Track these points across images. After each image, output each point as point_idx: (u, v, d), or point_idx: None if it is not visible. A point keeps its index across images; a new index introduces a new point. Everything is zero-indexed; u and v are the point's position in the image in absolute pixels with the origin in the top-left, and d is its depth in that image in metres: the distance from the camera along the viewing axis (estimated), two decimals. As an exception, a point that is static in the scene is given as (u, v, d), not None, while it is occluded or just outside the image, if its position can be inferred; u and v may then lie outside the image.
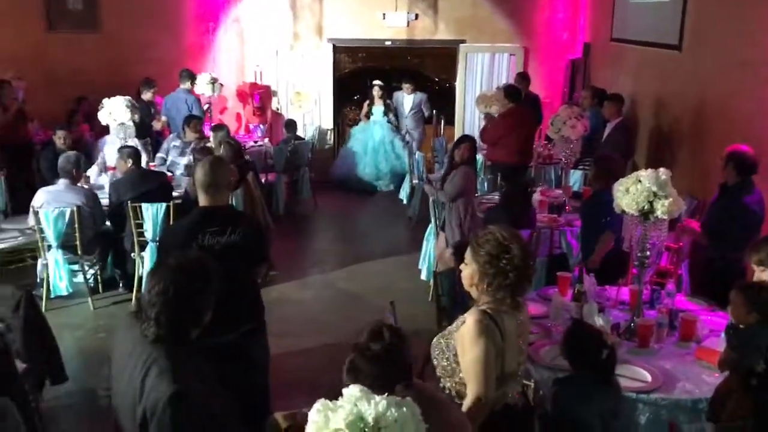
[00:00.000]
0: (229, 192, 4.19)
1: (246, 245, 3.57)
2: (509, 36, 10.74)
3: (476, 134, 8.53)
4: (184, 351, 2.27)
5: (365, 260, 7.54)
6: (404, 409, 1.51)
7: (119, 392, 2.30)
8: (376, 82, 10.74)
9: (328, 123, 11.11)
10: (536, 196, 6.57)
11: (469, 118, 11.05)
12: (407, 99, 10.75)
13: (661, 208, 3.65)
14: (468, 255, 2.80)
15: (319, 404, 1.56)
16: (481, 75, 10.95)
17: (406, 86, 10.78)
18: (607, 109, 7.56)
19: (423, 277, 6.58)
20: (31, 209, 5.90)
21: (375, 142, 10.52)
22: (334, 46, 10.78)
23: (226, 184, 3.75)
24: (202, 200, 3.65)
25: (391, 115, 10.64)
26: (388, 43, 10.95)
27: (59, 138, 7.26)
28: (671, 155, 7.07)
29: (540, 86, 10.26)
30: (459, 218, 5.76)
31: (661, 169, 3.77)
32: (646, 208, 3.69)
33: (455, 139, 6.76)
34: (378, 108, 10.65)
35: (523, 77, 9.46)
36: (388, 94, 10.90)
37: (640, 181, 3.72)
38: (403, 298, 4.93)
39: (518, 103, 7.93)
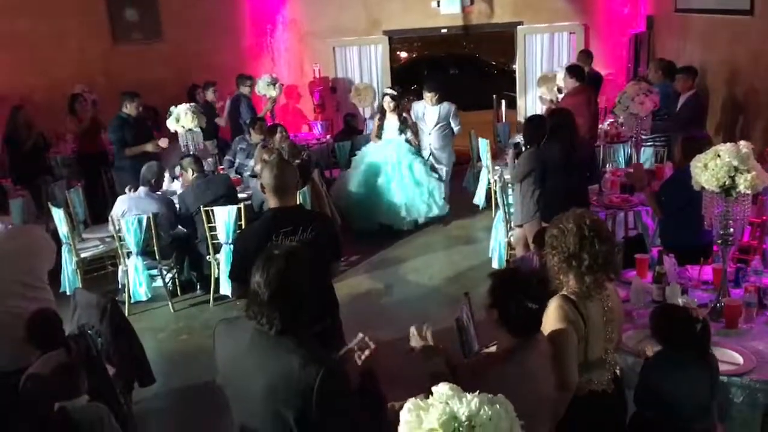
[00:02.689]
0: (297, 191, 4.24)
1: (319, 243, 3.59)
2: (568, 14, 10.50)
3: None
4: (304, 334, 2.34)
5: (434, 251, 7.52)
6: (497, 406, 1.49)
7: (243, 390, 2.34)
8: (387, 90, 8.59)
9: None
10: (607, 176, 6.41)
11: (531, 101, 10.85)
12: (430, 111, 8.44)
13: (744, 183, 3.48)
14: (547, 244, 2.77)
15: (410, 404, 1.56)
16: (540, 56, 10.74)
17: (428, 95, 8.42)
18: (680, 82, 7.29)
19: (494, 265, 6.51)
20: (110, 218, 6.12)
21: (388, 167, 8.15)
22: (390, 38, 10.76)
23: (294, 184, 3.80)
24: (273, 202, 3.70)
25: (409, 133, 8.27)
26: (443, 30, 10.85)
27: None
28: (746, 124, 6.78)
29: (602, 63, 9.99)
30: (528, 198, 5.70)
31: (742, 142, 3.61)
32: (727, 183, 3.54)
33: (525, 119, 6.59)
34: (391, 123, 8.28)
35: (587, 54, 9.23)
36: (421, 99, 8.78)
37: (719, 155, 3.56)
38: (475, 288, 4.86)
39: (583, 82, 7.75)
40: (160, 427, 4.65)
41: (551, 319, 2.69)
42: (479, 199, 8.75)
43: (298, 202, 4.09)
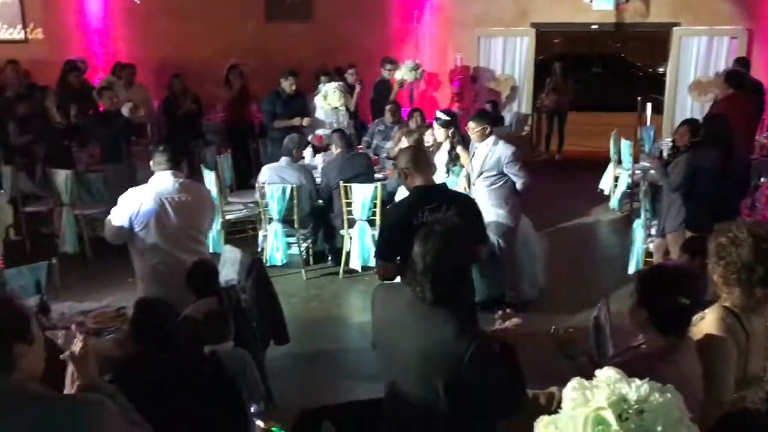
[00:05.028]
0: (433, 173, 4.35)
1: (462, 222, 3.64)
2: (730, 17, 9.88)
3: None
4: (458, 307, 2.44)
5: (565, 252, 7.30)
6: (668, 395, 1.48)
7: (397, 351, 2.46)
8: (438, 114, 6.14)
9: (525, 108, 10.97)
10: (762, 191, 6.05)
11: (681, 107, 10.34)
12: (478, 152, 5.65)
13: None
14: (712, 253, 2.66)
15: (575, 383, 1.58)
16: (695, 60, 10.18)
17: (470, 125, 5.63)
18: None
19: (630, 271, 6.29)
20: (256, 185, 6.45)
21: None
22: (537, 30, 10.57)
23: (430, 165, 4.01)
24: (417, 180, 3.82)
25: (462, 175, 5.91)
26: (594, 27, 10.54)
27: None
28: None
29: (765, 72, 9.35)
30: (677, 206, 5.47)
31: None
32: None
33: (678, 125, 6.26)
34: (441, 158, 6.03)
35: (742, 63, 8.70)
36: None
37: None
38: (608, 293, 4.75)
39: (740, 89, 7.30)
40: (288, 386, 4.83)
41: (711, 331, 2.58)
42: (616, 203, 8.51)
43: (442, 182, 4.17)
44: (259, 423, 4.01)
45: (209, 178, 6.76)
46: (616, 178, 8.63)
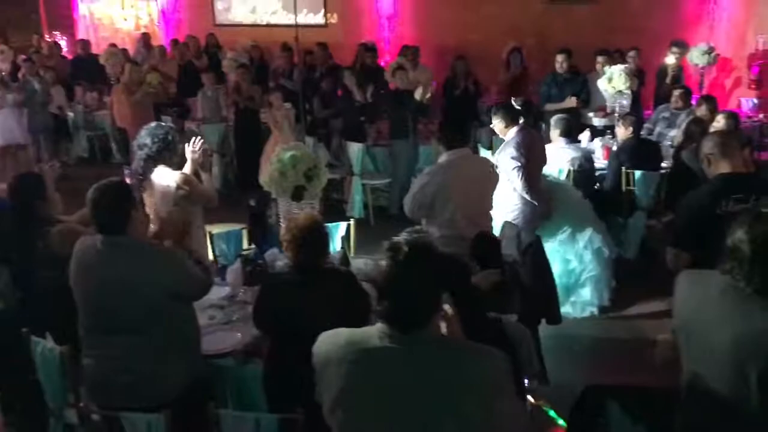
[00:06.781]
0: (741, 158, 4.03)
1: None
2: None
3: None
4: None
5: None
6: None
7: (705, 339, 2.36)
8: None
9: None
10: None
11: None
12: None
13: None
14: None
15: None
16: None
17: (493, 119, 5.28)
18: None
19: None
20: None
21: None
22: None
23: (738, 149, 3.69)
24: (723, 167, 3.59)
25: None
26: None
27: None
28: None
29: None
30: None
31: None
32: None
33: None
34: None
35: None
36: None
37: None
38: None
39: None
40: (555, 366, 4.83)
41: None
42: None
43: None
44: (530, 398, 4.12)
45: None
46: None
